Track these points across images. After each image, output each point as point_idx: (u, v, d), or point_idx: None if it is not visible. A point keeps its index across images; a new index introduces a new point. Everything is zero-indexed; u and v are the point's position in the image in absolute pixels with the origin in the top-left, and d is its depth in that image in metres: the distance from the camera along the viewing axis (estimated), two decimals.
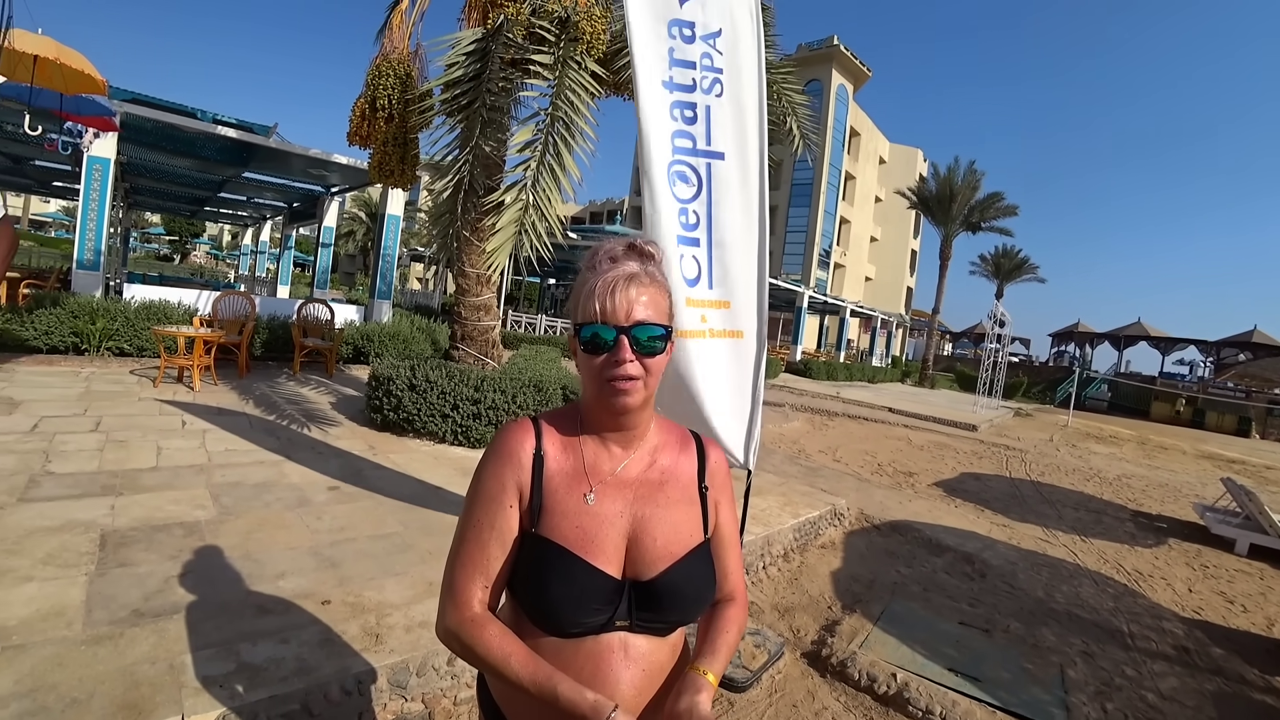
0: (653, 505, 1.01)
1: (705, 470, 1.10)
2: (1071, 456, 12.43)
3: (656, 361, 0.96)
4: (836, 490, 6.32)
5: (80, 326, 7.57)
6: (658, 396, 1.06)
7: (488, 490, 0.99)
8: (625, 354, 0.93)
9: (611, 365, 0.93)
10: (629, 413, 0.98)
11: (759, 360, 2.31)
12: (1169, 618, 4.41)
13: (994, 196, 30.03)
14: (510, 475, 0.99)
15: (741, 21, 2.29)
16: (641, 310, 0.94)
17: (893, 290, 49.12)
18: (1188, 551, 6.27)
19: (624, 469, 1.03)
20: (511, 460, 0.99)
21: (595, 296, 0.94)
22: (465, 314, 6.22)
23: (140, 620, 2.37)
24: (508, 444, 1.01)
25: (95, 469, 3.98)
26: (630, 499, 1.01)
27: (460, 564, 0.98)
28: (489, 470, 1.00)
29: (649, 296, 0.95)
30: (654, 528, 0.99)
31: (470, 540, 0.98)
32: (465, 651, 0.94)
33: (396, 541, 3.45)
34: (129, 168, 13.48)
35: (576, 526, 0.97)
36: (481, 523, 0.98)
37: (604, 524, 0.98)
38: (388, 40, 5.65)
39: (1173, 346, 40.43)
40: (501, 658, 0.90)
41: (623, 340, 0.93)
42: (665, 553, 0.98)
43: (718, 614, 1.09)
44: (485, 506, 0.98)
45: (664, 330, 0.96)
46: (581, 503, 0.98)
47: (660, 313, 0.96)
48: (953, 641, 3.55)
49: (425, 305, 23.86)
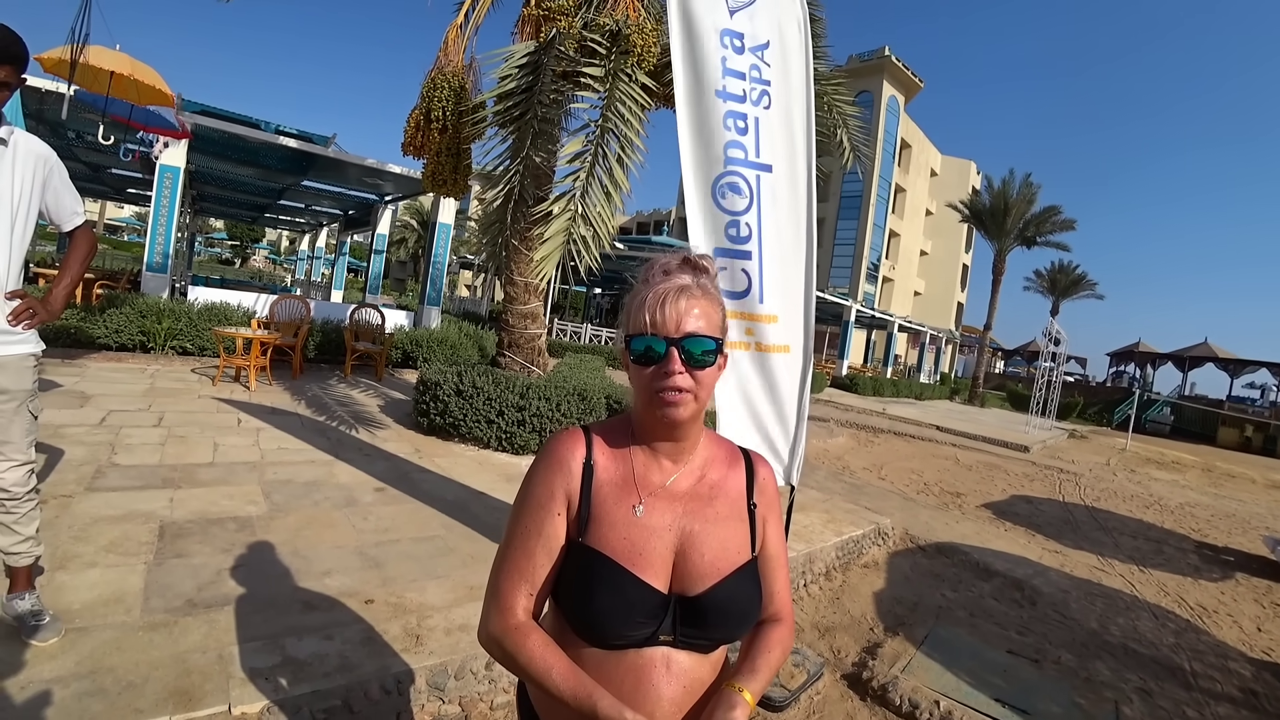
0: (701, 520, 1.00)
1: (754, 487, 1.08)
2: (1130, 482, 11.88)
3: (707, 374, 0.95)
4: (881, 509, 6.18)
5: (148, 326, 7.96)
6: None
7: (536, 497, 0.99)
8: (675, 365, 0.92)
9: (662, 377, 0.93)
10: (679, 425, 0.97)
11: (805, 375, 2.28)
12: (1235, 657, 4.16)
13: (1050, 210, 29.09)
14: (560, 483, 0.98)
15: (790, 33, 2.27)
16: (693, 322, 0.93)
17: (942, 305, 47.96)
18: (1257, 587, 5.91)
19: (674, 482, 1.01)
20: (561, 468, 0.99)
21: (646, 308, 0.94)
22: (512, 321, 6.31)
23: (193, 610, 2.47)
24: (558, 452, 1.01)
25: (157, 462, 4.17)
26: (680, 513, 1.00)
27: (506, 570, 0.98)
28: (538, 477, 1.00)
29: (700, 309, 0.94)
30: (702, 543, 0.98)
31: (517, 547, 0.98)
32: (506, 659, 0.94)
33: (439, 545, 3.51)
34: (197, 175, 14.14)
35: (624, 538, 0.96)
36: (529, 529, 0.98)
37: (652, 537, 0.97)
38: (443, 54, 5.81)
39: (1242, 369, 38.31)
40: (543, 669, 0.90)
41: (673, 352, 0.92)
42: (712, 569, 0.97)
43: (762, 633, 1.07)
44: (533, 513, 0.98)
45: (715, 343, 0.94)
46: (630, 514, 0.98)
47: (712, 325, 0.95)
48: (1000, 671, 3.42)
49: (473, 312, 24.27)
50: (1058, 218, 29.10)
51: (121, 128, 7.52)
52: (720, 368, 1.00)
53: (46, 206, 2.15)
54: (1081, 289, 35.55)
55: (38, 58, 5.30)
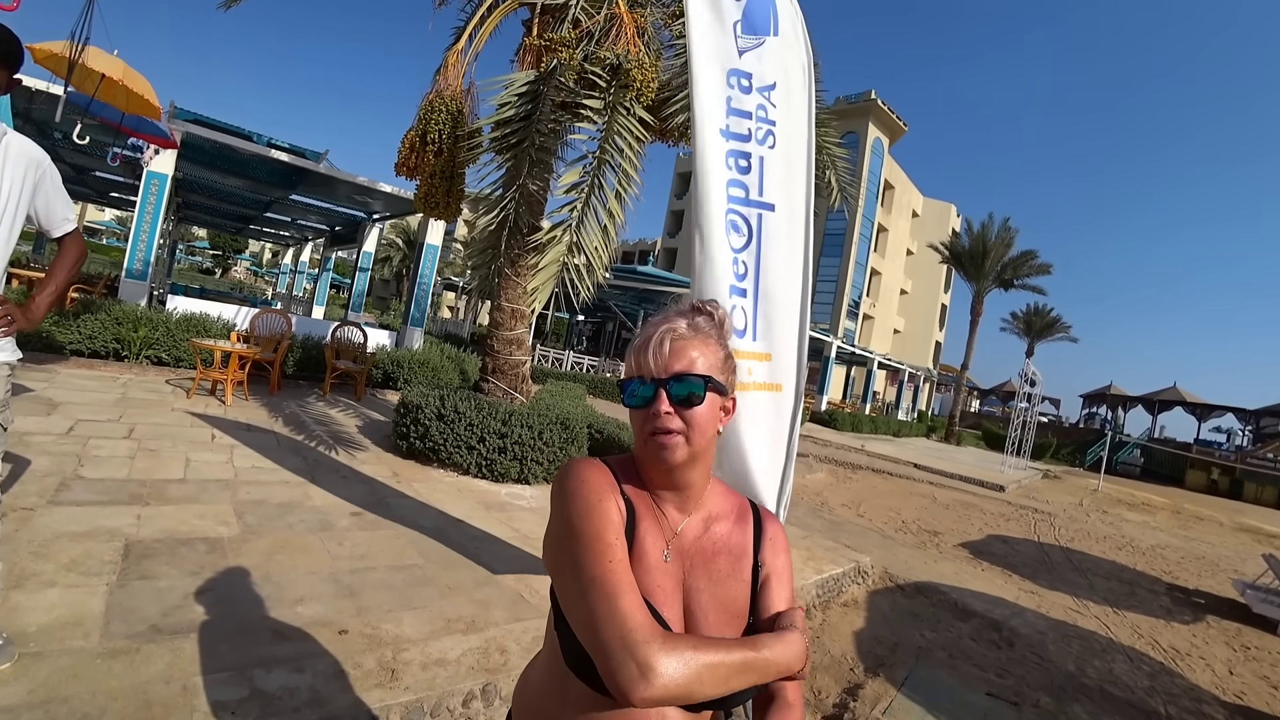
0: (705, 578, 0.97)
1: (761, 545, 1.04)
2: (1103, 523, 12.01)
3: (698, 414, 0.92)
4: (860, 546, 6.16)
5: (123, 334, 7.79)
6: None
7: (604, 514, 0.88)
8: (663, 406, 0.90)
9: (651, 419, 0.91)
10: (673, 469, 0.94)
11: (795, 414, 2.28)
12: (1209, 701, 4.19)
13: (1028, 254, 29.81)
14: (614, 510, 0.90)
15: (794, 76, 2.32)
16: (679, 363, 0.92)
17: (921, 344, 48.64)
18: (1227, 630, 5.98)
19: (681, 532, 0.99)
20: (612, 495, 0.92)
21: (636, 352, 0.94)
22: (498, 347, 6.27)
23: (157, 636, 2.37)
24: (596, 480, 0.92)
25: (125, 476, 4.04)
26: (687, 565, 0.97)
27: (617, 594, 0.80)
28: (592, 502, 0.89)
29: (692, 350, 0.93)
30: (704, 600, 0.95)
31: (614, 566, 0.83)
32: (699, 676, 0.77)
33: (416, 574, 3.42)
34: (183, 184, 14.01)
35: (659, 585, 0.92)
36: (615, 545, 0.86)
37: (676, 587, 0.94)
38: (442, 77, 5.84)
39: (1209, 413, 39.29)
40: (740, 646, 0.84)
41: (660, 393, 0.91)
42: (713, 631, 0.94)
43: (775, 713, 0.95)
44: (610, 530, 0.87)
45: (704, 382, 0.92)
46: (660, 560, 0.94)
47: (706, 365, 0.93)
48: (980, 714, 3.40)
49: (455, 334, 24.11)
50: (1034, 261, 29.83)
51: (111, 132, 7.44)
52: (727, 411, 0.98)
53: (36, 211, 2.09)
54: (1056, 331, 36.26)
55: (29, 47, 5.23)
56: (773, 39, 2.28)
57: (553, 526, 0.93)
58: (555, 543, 0.92)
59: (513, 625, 3.02)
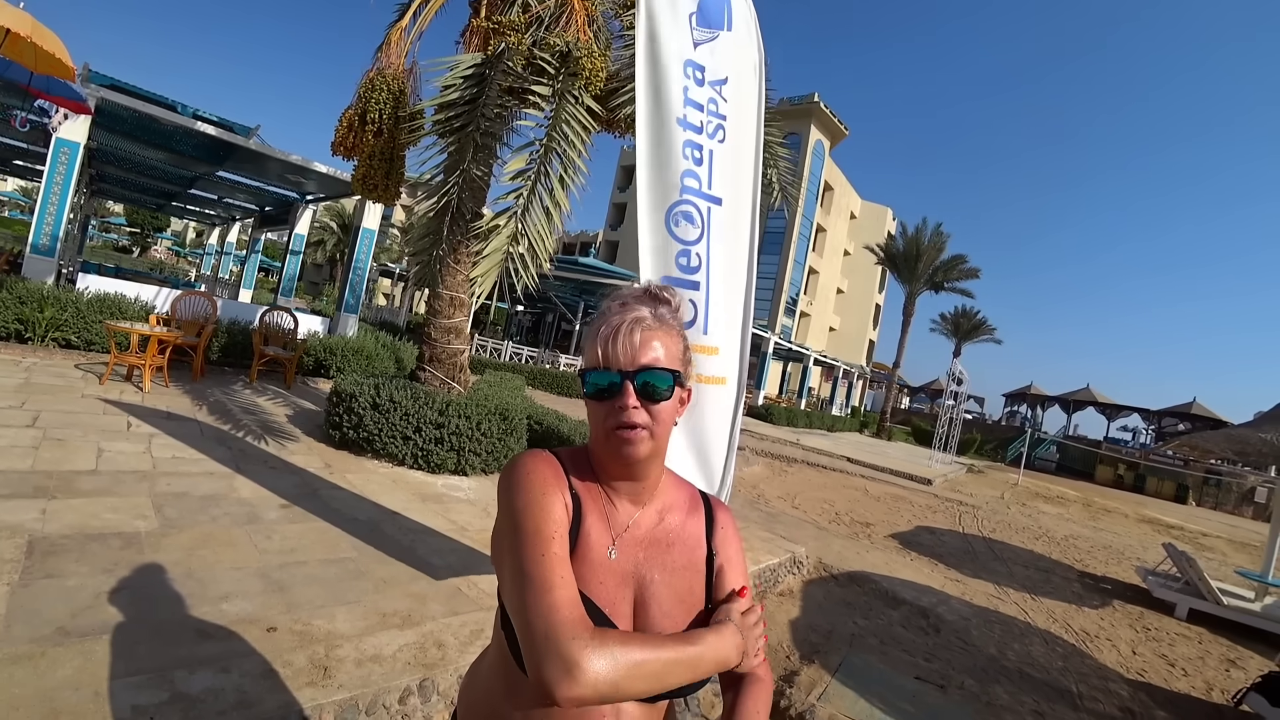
0: (659, 569, 0.96)
1: (713, 534, 1.04)
2: (1022, 515, 12.68)
3: (663, 408, 0.91)
4: (795, 538, 6.31)
5: (26, 314, 7.24)
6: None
7: (545, 509, 0.86)
8: (630, 400, 0.88)
9: (616, 412, 0.89)
10: (636, 463, 0.92)
11: (737, 407, 2.31)
12: (1115, 679, 4.48)
13: (958, 259, 31.08)
14: (559, 505, 0.88)
15: (746, 73, 2.33)
16: (648, 355, 0.90)
17: (855, 342, 50.11)
18: (1131, 613, 6.41)
19: (633, 525, 0.97)
20: (559, 489, 0.89)
21: (599, 341, 0.91)
22: (435, 335, 6.12)
23: (65, 639, 2.21)
24: (543, 472, 0.90)
25: (28, 468, 3.76)
26: (640, 559, 0.95)
27: (548, 589, 0.78)
28: (535, 492, 0.87)
29: (658, 341, 0.91)
30: (659, 592, 0.94)
31: (548, 560, 0.81)
32: (629, 674, 0.75)
33: (350, 567, 3.31)
34: (98, 154, 13.08)
35: (601, 583, 0.90)
36: (553, 540, 0.83)
37: (622, 584, 0.92)
38: (384, 55, 5.63)
39: (1118, 413, 42.10)
40: (671, 643, 0.82)
41: (627, 386, 0.88)
42: (669, 620, 0.93)
43: (744, 697, 0.94)
44: (550, 524, 0.85)
45: (672, 376, 0.91)
46: (605, 556, 0.92)
47: (670, 358, 0.92)
48: (909, 697, 3.53)
49: (390, 322, 23.45)
50: (964, 265, 31.14)
51: (16, 93, 6.84)
52: (682, 402, 0.97)
53: None
54: (982, 333, 37.94)
55: None
56: (726, 34, 2.29)
57: (498, 518, 0.91)
58: (498, 535, 0.90)
59: (450, 619, 2.96)
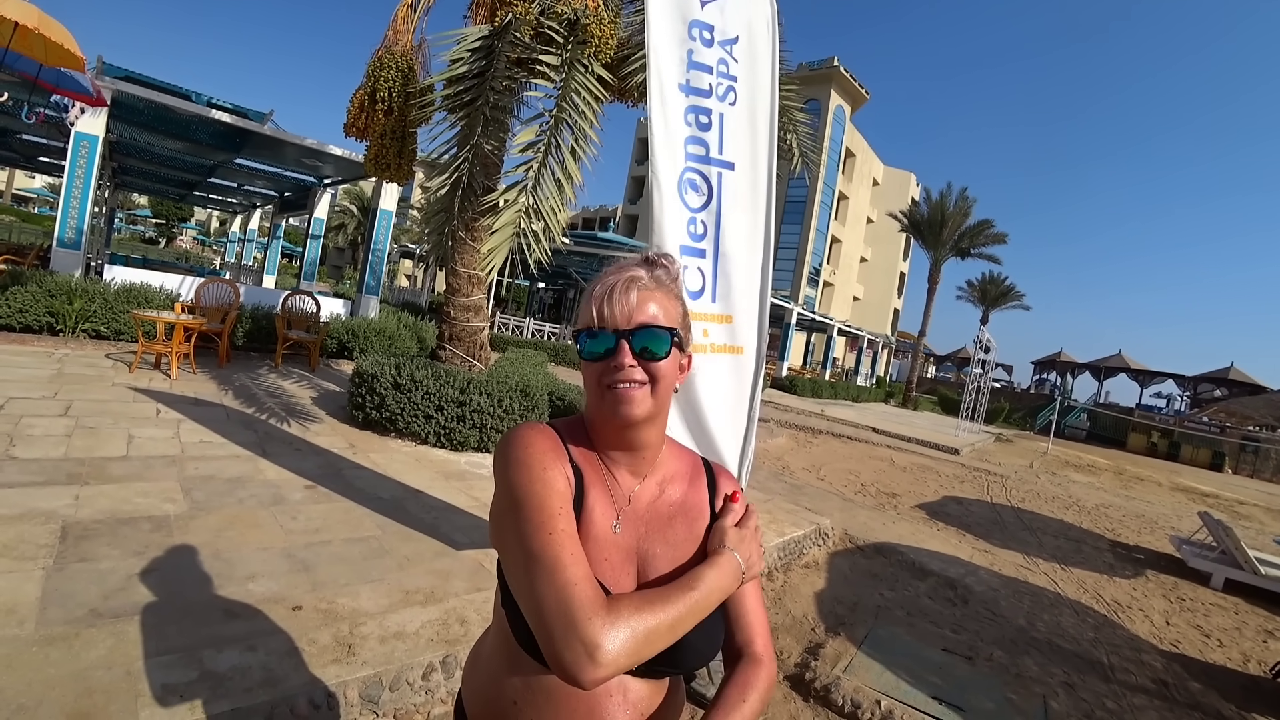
0: (661, 542, 0.93)
1: (716, 499, 1.01)
2: (1051, 484, 12.49)
3: (662, 369, 0.87)
4: (820, 509, 6.27)
5: (56, 306, 7.38)
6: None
7: (548, 484, 0.82)
8: (625, 358, 0.85)
9: (611, 371, 0.86)
10: (633, 425, 0.88)
11: (757, 377, 2.25)
12: (1148, 650, 4.40)
13: (984, 224, 30.37)
14: (561, 477, 0.85)
15: (759, 31, 2.24)
16: (643, 314, 0.86)
17: (880, 311, 49.47)
18: (1164, 584, 6.28)
19: (634, 498, 0.94)
20: (560, 460, 0.86)
21: (594, 299, 0.88)
22: (454, 314, 6.12)
23: (98, 621, 2.26)
24: (542, 445, 0.86)
25: (62, 455, 3.84)
26: (641, 533, 0.92)
27: (560, 568, 0.74)
28: (536, 467, 0.83)
29: (654, 301, 0.88)
30: (663, 566, 0.91)
31: (557, 538, 0.77)
32: (646, 641, 0.74)
33: (373, 546, 3.35)
34: (118, 147, 13.22)
35: (605, 559, 0.88)
36: (559, 515, 0.80)
37: (626, 558, 0.90)
38: (392, 32, 5.56)
39: (1151, 379, 41.06)
40: (678, 593, 0.80)
41: (623, 344, 0.85)
42: None
43: (738, 677, 0.93)
44: (554, 499, 0.81)
45: (670, 334, 0.87)
46: (609, 531, 0.89)
47: (668, 318, 0.89)
48: (936, 669, 3.50)
49: (412, 302, 23.62)
50: (990, 231, 30.44)
51: (29, 87, 6.88)
52: (683, 368, 0.94)
53: None
54: (1010, 300, 37.19)
55: None
56: None
57: (496, 497, 0.87)
58: (498, 515, 0.86)
59: (473, 595, 2.98)
